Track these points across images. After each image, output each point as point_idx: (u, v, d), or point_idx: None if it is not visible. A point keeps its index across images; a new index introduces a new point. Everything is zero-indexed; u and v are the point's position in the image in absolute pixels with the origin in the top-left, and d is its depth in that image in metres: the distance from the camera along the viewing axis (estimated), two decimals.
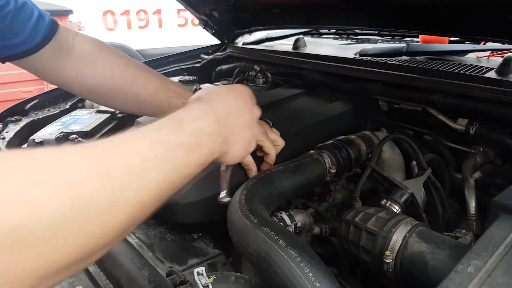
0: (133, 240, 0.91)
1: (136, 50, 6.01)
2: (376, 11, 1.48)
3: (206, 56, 2.25)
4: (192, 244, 0.94)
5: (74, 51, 1.03)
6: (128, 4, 6.01)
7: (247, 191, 0.86)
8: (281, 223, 0.92)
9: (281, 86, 1.69)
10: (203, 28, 2.20)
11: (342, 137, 1.13)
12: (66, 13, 4.00)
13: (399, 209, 0.93)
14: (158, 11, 6.29)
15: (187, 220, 0.96)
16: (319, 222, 1.16)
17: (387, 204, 0.93)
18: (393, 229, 0.78)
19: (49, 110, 1.76)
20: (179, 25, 6.47)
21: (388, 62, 1.46)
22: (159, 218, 1.02)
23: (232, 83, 1.87)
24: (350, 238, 0.84)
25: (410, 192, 0.95)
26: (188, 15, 6.05)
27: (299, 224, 0.96)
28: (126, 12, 6.02)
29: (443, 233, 0.81)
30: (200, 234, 0.98)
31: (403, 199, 0.95)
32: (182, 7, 2.09)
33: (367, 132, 1.18)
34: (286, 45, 2.03)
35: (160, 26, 6.34)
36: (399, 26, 1.55)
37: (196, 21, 2.21)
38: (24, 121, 1.62)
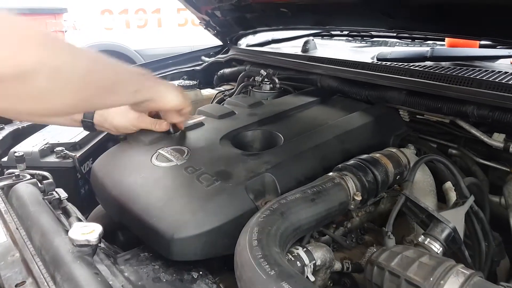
0: (119, 284, 0.75)
1: (134, 50, 5.87)
2: (397, 12, 1.33)
3: (207, 59, 2.10)
4: (192, 286, 0.79)
5: None
6: (126, 3, 5.88)
7: (259, 228, 0.70)
8: (298, 263, 0.77)
9: (291, 94, 1.54)
10: (204, 28, 2.05)
11: (366, 156, 0.97)
12: (60, 11, 3.84)
13: (441, 248, 0.77)
14: (157, 10, 6.16)
15: (185, 257, 0.81)
16: (337, 251, 1.01)
17: (425, 242, 0.78)
18: (441, 281, 0.62)
19: None
20: (179, 25, 6.33)
21: (411, 68, 1.30)
22: (153, 252, 0.87)
23: (236, 89, 1.71)
24: None
25: (452, 226, 0.79)
26: (189, 14, 5.90)
27: (318, 262, 0.80)
28: (125, 11, 5.88)
29: (500, 283, 0.67)
30: (200, 272, 0.82)
31: (444, 235, 0.79)
32: (182, 6, 1.95)
33: (394, 150, 1.03)
34: (294, 47, 1.88)
35: (160, 25, 6.20)
36: (423, 28, 1.40)
37: (197, 20, 2.06)
38: (7, 129, 1.46)
